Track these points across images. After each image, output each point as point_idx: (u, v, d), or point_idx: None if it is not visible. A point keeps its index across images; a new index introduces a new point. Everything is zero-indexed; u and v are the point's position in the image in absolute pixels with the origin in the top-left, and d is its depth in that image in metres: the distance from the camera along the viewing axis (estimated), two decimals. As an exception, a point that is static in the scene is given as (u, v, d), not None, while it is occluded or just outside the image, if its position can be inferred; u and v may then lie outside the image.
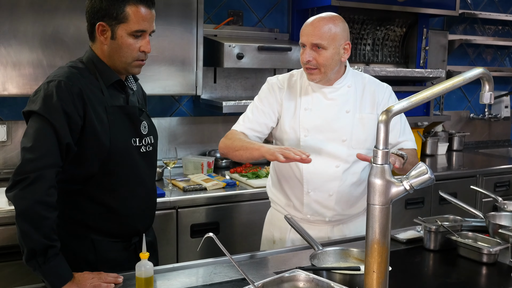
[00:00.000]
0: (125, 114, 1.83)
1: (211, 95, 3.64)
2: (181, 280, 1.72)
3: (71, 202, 1.79)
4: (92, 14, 1.77)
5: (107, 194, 1.80)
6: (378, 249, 1.24)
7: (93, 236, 1.81)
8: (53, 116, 1.65)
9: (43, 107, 1.66)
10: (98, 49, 1.81)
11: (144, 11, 1.76)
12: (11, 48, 2.70)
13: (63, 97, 1.68)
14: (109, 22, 1.75)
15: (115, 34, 1.76)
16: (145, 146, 1.89)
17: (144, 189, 1.90)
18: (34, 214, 1.59)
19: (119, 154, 1.79)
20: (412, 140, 2.23)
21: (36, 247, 1.59)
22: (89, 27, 1.81)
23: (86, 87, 1.74)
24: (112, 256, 1.83)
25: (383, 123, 1.22)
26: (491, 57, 4.98)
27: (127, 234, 1.88)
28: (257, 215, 2.95)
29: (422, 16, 3.92)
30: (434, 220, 2.08)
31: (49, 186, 1.63)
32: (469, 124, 4.90)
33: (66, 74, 1.73)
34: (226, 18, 3.66)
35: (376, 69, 3.54)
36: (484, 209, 3.72)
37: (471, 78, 1.37)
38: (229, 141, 2.12)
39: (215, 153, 3.66)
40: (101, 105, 1.76)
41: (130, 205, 1.85)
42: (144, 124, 1.90)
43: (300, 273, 1.56)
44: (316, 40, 2.04)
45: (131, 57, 1.79)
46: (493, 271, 1.85)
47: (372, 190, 1.24)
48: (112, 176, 1.80)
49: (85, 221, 1.80)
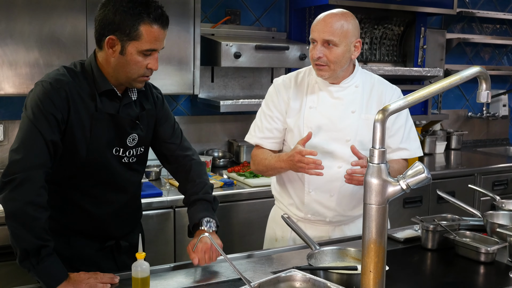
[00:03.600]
0: (112, 122, 1.78)
1: (208, 94, 3.63)
2: (177, 280, 1.72)
3: (50, 202, 1.72)
4: (103, 25, 1.70)
5: (83, 197, 1.80)
6: (375, 248, 1.24)
7: (68, 233, 1.82)
8: (38, 117, 1.65)
9: (29, 108, 1.67)
10: (103, 58, 1.76)
11: (157, 31, 1.70)
12: (7, 48, 2.69)
13: (48, 99, 1.66)
14: (120, 37, 1.68)
15: (125, 50, 1.70)
16: (128, 157, 1.85)
17: (125, 196, 1.88)
18: (24, 215, 1.58)
19: (96, 162, 1.77)
20: (413, 149, 2.18)
21: (29, 248, 1.58)
22: (97, 35, 1.75)
23: (74, 91, 1.71)
24: (87, 253, 1.84)
25: (379, 122, 1.22)
26: (489, 55, 4.97)
27: (101, 237, 1.88)
28: (255, 214, 2.94)
29: (420, 15, 3.92)
30: (432, 219, 2.08)
31: (38, 187, 1.62)
32: (467, 123, 4.90)
33: (56, 76, 1.72)
34: (223, 17, 3.65)
35: (374, 68, 3.53)
36: (482, 208, 3.72)
37: (468, 77, 1.37)
38: (256, 166, 2.22)
39: (212, 152, 3.66)
40: (86, 111, 1.73)
41: (106, 211, 1.84)
42: (133, 137, 1.84)
43: (296, 273, 1.55)
44: (328, 37, 2.02)
45: (137, 74, 1.74)
46: (491, 270, 1.85)
47: (369, 190, 1.23)
48: (88, 181, 1.79)
49: (60, 219, 1.80)
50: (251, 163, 2.27)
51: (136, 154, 1.87)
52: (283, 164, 2.05)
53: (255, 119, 2.26)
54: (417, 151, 2.20)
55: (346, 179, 1.96)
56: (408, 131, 2.18)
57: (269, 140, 2.20)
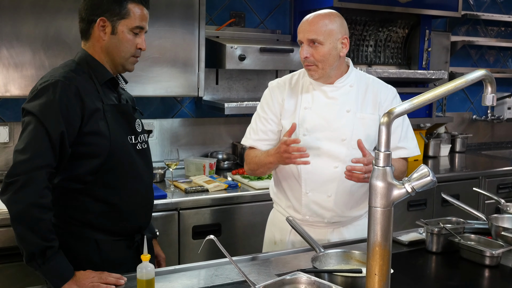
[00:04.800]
0: (119, 112, 1.85)
1: (213, 96, 3.64)
2: (182, 282, 1.72)
3: (74, 203, 1.78)
4: (91, 11, 1.81)
5: (109, 191, 1.80)
6: (380, 251, 1.24)
7: (97, 237, 1.81)
8: (47, 117, 1.65)
9: (38, 107, 1.66)
10: (94, 46, 1.84)
11: (142, 10, 1.85)
12: (13, 50, 2.70)
13: (60, 97, 1.68)
14: (110, 18, 1.80)
15: (116, 29, 1.81)
16: (141, 143, 1.91)
17: (143, 186, 1.91)
18: (29, 217, 1.59)
19: (119, 152, 1.79)
20: (411, 147, 2.19)
21: (34, 249, 1.60)
22: (84, 24, 1.84)
23: (83, 85, 1.75)
24: (116, 255, 1.84)
25: (385, 125, 1.22)
26: (493, 58, 4.97)
27: (130, 231, 1.88)
28: (259, 217, 2.94)
29: (424, 18, 3.92)
30: (437, 222, 2.07)
31: (42, 188, 1.62)
32: (472, 126, 4.89)
33: (62, 74, 1.74)
34: (228, 19, 3.66)
35: (378, 71, 3.53)
36: (487, 211, 3.71)
37: (473, 80, 1.36)
38: (248, 165, 2.24)
39: (217, 155, 3.66)
40: (97, 104, 1.77)
41: (131, 202, 1.85)
42: (138, 122, 1.93)
43: (301, 275, 1.55)
44: (312, 36, 2.04)
45: (129, 53, 1.85)
46: (495, 274, 1.84)
47: (374, 193, 1.23)
48: (113, 173, 1.80)
49: (88, 220, 1.79)
50: (244, 164, 2.28)
51: (145, 139, 1.95)
52: (272, 158, 2.07)
53: (251, 122, 2.28)
54: (415, 150, 2.21)
55: (346, 175, 1.97)
56: (406, 130, 2.19)
57: (264, 142, 2.22)
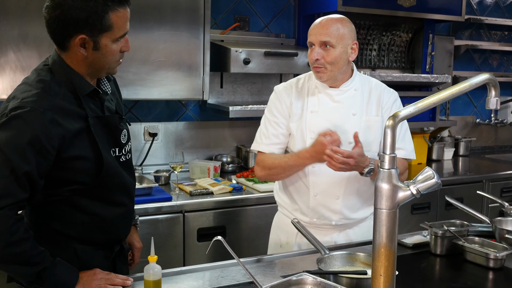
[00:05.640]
0: (104, 124, 1.71)
1: (217, 100, 3.66)
2: (188, 283, 1.73)
3: (54, 213, 1.70)
4: (65, 26, 1.58)
5: (94, 203, 1.73)
6: (385, 253, 1.25)
7: (75, 245, 1.73)
8: (14, 154, 1.50)
9: (5, 141, 1.50)
10: (72, 59, 1.64)
11: (124, 14, 1.64)
12: (20, 53, 2.72)
13: (32, 130, 1.51)
14: (90, 34, 1.58)
15: (99, 44, 1.61)
16: (124, 155, 1.81)
17: (128, 198, 1.85)
18: (9, 257, 1.53)
19: (104, 168, 1.68)
20: (408, 149, 2.20)
21: (30, 278, 1.58)
22: (57, 37, 1.62)
23: (59, 106, 1.59)
24: (94, 263, 1.75)
25: (390, 128, 1.24)
26: (497, 62, 4.97)
27: (110, 242, 1.82)
28: (264, 220, 2.96)
29: (428, 22, 3.93)
30: (441, 225, 2.08)
31: (10, 225, 1.50)
32: (475, 129, 4.90)
33: (35, 97, 1.55)
34: (232, 23, 3.68)
35: (382, 74, 3.55)
36: (491, 214, 3.72)
37: (477, 84, 1.38)
38: (268, 170, 2.19)
39: (221, 158, 3.68)
40: (79, 121, 1.63)
41: (116, 214, 1.79)
42: (124, 133, 1.80)
43: (307, 276, 1.57)
44: (325, 38, 2.06)
45: (114, 62, 1.68)
46: (499, 276, 1.85)
47: (379, 195, 1.25)
48: (99, 186, 1.71)
49: (68, 231, 1.72)
50: (258, 169, 2.24)
51: (129, 150, 1.85)
52: (307, 159, 2.06)
53: (260, 127, 2.28)
54: (412, 154, 2.22)
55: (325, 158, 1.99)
56: (404, 133, 2.21)
57: (277, 146, 2.22)
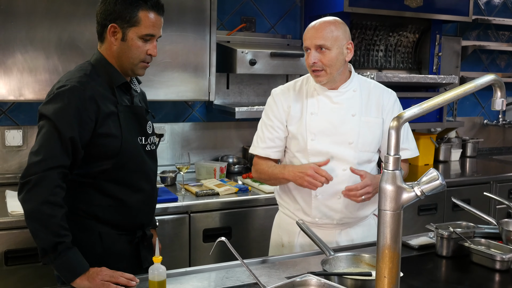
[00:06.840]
0: (133, 113, 1.92)
1: (224, 100, 3.66)
2: (193, 284, 1.74)
3: (82, 195, 1.86)
4: (105, 16, 1.86)
5: (117, 187, 1.88)
6: (389, 254, 1.25)
7: (100, 229, 1.88)
8: (61, 122, 1.72)
9: (53, 111, 1.74)
10: (107, 50, 1.89)
11: (154, 18, 1.87)
12: (28, 55, 2.74)
13: (75, 102, 1.75)
14: (121, 25, 1.84)
15: (126, 36, 1.85)
16: (150, 145, 1.98)
17: (150, 185, 1.98)
18: (40, 214, 1.67)
19: (129, 151, 1.87)
20: (412, 149, 2.27)
21: (46, 245, 1.66)
22: (99, 28, 1.90)
23: (97, 89, 1.82)
24: (117, 248, 1.91)
25: (394, 129, 1.23)
26: (505, 63, 4.94)
27: (132, 227, 1.95)
28: (269, 220, 2.94)
29: (435, 22, 3.91)
30: (447, 226, 2.07)
31: (53, 186, 1.69)
32: (483, 130, 4.87)
33: (78, 78, 1.81)
34: (239, 24, 3.68)
35: (388, 75, 3.53)
36: (498, 216, 3.70)
37: (482, 84, 1.38)
38: (259, 174, 2.29)
39: (227, 159, 3.68)
40: (111, 106, 1.84)
41: (137, 199, 1.92)
42: (149, 124, 2.00)
43: (311, 278, 1.56)
44: (320, 42, 2.08)
45: (138, 59, 1.88)
46: (506, 278, 1.84)
47: (383, 196, 1.24)
48: (123, 170, 1.87)
49: (94, 213, 1.87)
50: (253, 171, 2.33)
51: (153, 141, 2.01)
52: (288, 175, 2.13)
53: (257, 130, 2.32)
54: (415, 151, 2.30)
55: (343, 194, 2.09)
56: (406, 132, 2.26)
57: (272, 150, 2.26)
